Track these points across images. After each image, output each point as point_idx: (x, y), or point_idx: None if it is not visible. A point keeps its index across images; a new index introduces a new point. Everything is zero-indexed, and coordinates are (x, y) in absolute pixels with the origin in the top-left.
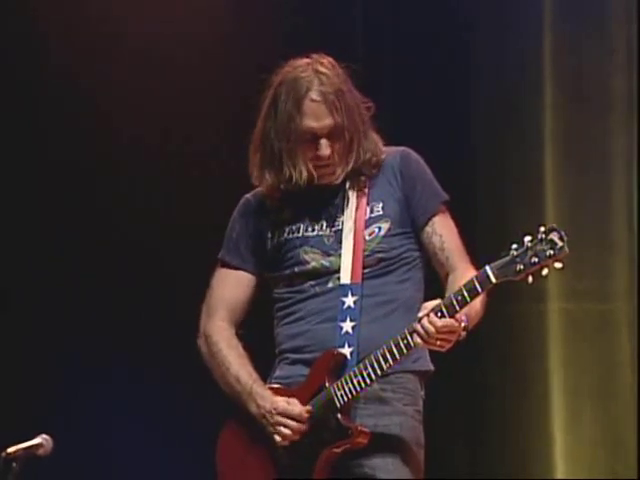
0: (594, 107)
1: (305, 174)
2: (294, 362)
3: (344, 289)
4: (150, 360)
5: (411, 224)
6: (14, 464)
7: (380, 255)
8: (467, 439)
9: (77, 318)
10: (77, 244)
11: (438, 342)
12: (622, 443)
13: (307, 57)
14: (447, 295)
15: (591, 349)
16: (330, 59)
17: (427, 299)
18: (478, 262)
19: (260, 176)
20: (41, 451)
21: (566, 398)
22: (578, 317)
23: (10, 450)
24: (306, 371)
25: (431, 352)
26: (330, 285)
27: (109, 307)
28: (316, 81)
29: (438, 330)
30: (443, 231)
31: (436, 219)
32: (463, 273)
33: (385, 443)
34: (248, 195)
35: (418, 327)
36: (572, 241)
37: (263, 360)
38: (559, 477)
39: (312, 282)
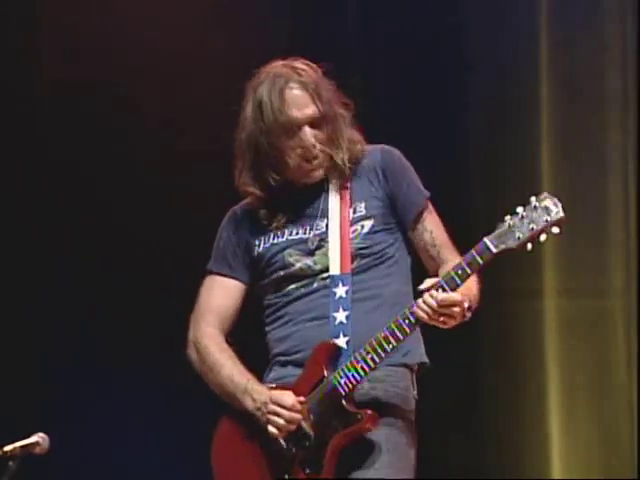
0: (590, 105)
1: (305, 164)
2: (285, 364)
3: (334, 280)
4: (149, 360)
5: (396, 220)
6: (11, 462)
7: (363, 252)
8: (462, 437)
9: (76, 318)
10: (77, 244)
11: (441, 317)
12: (618, 440)
13: (282, 59)
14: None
15: (586, 346)
16: (304, 60)
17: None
18: None
19: (251, 177)
20: (38, 450)
21: (562, 395)
22: (573, 314)
23: (7, 448)
24: (298, 371)
25: (427, 348)
26: (315, 285)
27: (109, 307)
28: (294, 75)
29: (440, 304)
30: (432, 227)
31: (424, 215)
32: (453, 263)
33: (377, 443)
34: (235, 207)
35: (420, 302)
36: (568, 238)
37: (254, 368)
38: (555, 475)
39: (298, 284)
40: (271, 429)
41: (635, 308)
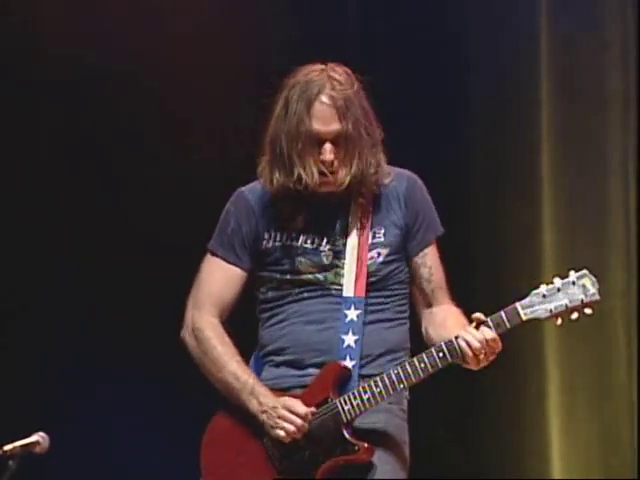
0: (590, 105)
1: (316, 176)
2: (278, 364)
3: (347, 302)
4: (149, 360)
5: (404, 248)
6: (11, 462)
7: (377, 278)
8: (462, 438)
9: (76, 318)
10: (77, 244)
11: (481, 355)
12: (618, 440)
13: (322, 63)
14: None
15: (586, 346)
16: (346, 68)
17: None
18: (474, 261)
19: (270, 177)
20: (38, 449)
21: (562, 395)
22: None
23: (7, 448)
24: (291, 372)
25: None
26: (319, 292)
27: (109, 307)
28: (328, 85)
29: (488, 342)
30: (433, 264)
31: (428, 251)
32: (449, 308)
33: (371, 440)
34: (243, 189)
35: (464, 334)
36: (568, 238)
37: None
38: (555, 475)
39: (301, 289)
40: (278, 432)
41: (635, 308)
